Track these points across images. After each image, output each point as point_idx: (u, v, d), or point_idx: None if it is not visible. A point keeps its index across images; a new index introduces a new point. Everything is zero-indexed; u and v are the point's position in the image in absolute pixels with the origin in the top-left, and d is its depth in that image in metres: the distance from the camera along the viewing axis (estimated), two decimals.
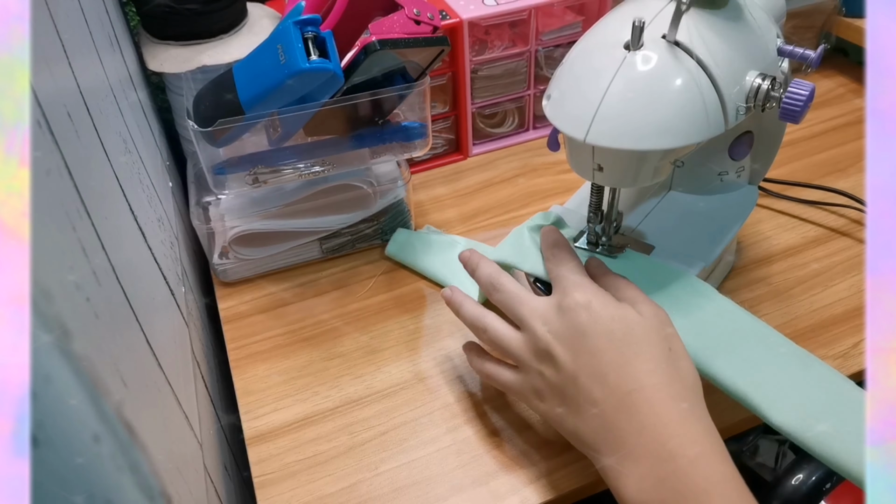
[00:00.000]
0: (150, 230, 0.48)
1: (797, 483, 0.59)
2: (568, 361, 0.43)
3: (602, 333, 0.42)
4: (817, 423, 0.43)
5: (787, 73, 0.50)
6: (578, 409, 0.42)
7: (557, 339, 0.43)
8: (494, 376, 0.48)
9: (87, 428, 0.24)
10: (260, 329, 0.62)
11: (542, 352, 0.44)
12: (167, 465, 0.32)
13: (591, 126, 0.42)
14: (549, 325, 0.44)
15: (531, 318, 0.45)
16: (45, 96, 0.28)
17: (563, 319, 0.44)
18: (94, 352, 0.26)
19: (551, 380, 0.43)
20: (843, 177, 0.74)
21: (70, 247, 0.27)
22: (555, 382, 0.43)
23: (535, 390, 0.45)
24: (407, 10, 0.55)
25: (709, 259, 0.54)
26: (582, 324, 0.43)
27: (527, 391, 0.46)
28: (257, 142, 0.60)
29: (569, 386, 0.42)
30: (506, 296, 0.47)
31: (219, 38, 0.68)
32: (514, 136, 0.84)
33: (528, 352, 0.45)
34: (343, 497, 0.49)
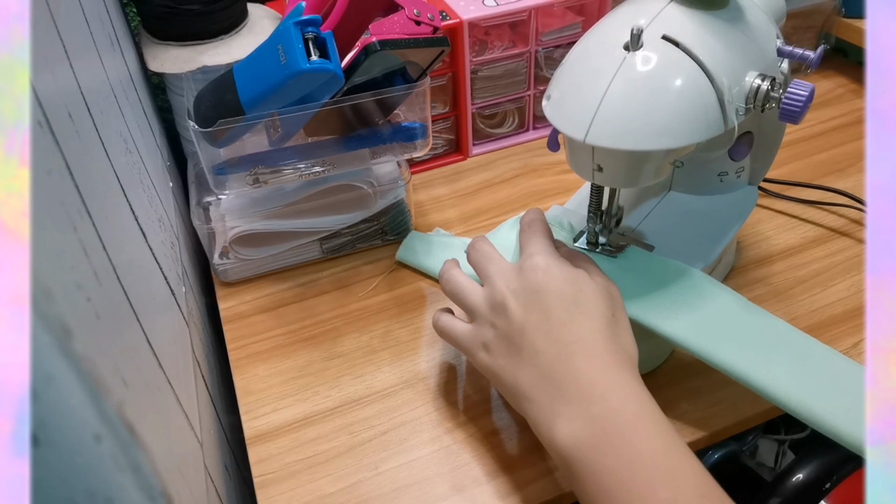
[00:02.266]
0: (151, 230, 0.48)
1: (797, 483, 0.59)
2: (519, 314, 0.44)
3: (554, 292, 0.44)
4: (823, 400, 0.44)
5: (786, 73, 0.50)
6: (520, 360, 0.44)
7: (513, 294, 0.45)
8: (448, 327, 0.50)
9: (87, 427, 0.24)
10: (260, 329, 0.62)
11: (497, 304, 0.46)
12: (168, 465, 0.32)
13: (591, 126, 0.42)
14: (509, 283, 0.46)
15: (495, 274, 0.47)
16: (46, 96, 0.28)
17: (522, 278, 0.46)
18: (95, 351, 0.26)
19: (501, 330, 0.45)
20: (843, 177, 0.74)
21: (71, 247, 0.27)
22: (503, 333, 0.45)
23: (483, 343, 0.46)
24: (407, 11, 0.55)
25: (709, 259, 0.54)
26: (538, 282, 0.45)
27: (475, 343, 0.47)
28: (258, 142, 0.60)
29: (515, 337, 0.44)
30: (479, 254, 0.50)
31: (219, 38, 0.68)
32: (514, 136, 0.84)
33: (485, 304, 0.47)
34: (343, 497, 0.49)
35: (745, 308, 0.49)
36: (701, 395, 0.53)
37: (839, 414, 0.44)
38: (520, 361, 0.44)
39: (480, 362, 0.47)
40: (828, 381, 0.45)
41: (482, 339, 0.46)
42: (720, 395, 0.53)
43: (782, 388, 0.45)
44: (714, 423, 0.52)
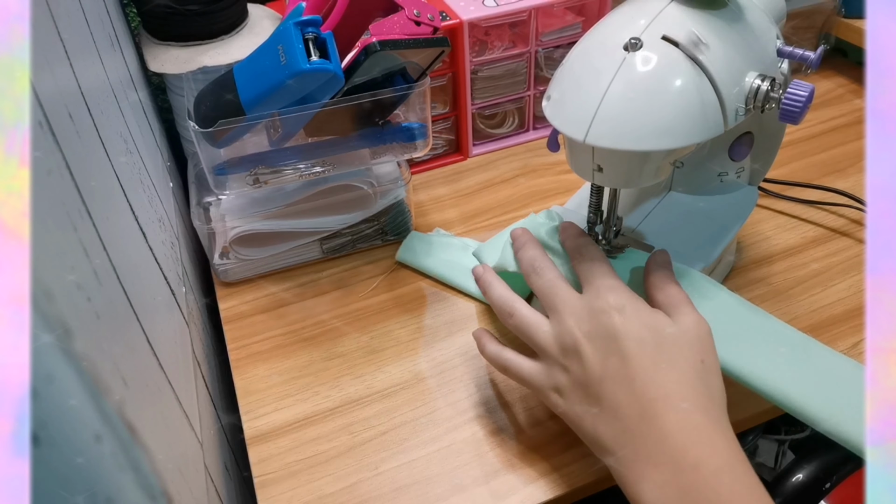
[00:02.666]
0: (151, 230, 0.48)
1: (797, 483, 0.59)
2: (595, 362, 0.42)
3: (633, 338, 0.42)
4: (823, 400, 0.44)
5: (786, 73, 0.50)
6: (601, 411, 0.42)
7: (587, 338, 0.43)
8: (513, 365, 0.47)
9: (88, 427, 0.24)
10: (260, 329, 0.62)
11: (569, 347, 0.43)
12: (168, 465, 0.32)
13: (591, 127, 0.42)
14: (581, 323, 0.44)
15: (564, 310, 0.44)
16: (47, 96, 0.28)
17: (595, 320, 0.43)
18: (96, 351, 0.26)
19: (576, 377, 0.43)
20: (842, 177, 0.74)
21: (71, 247, 0.27)
22: (579, 380, 0.43)
23: (555, 385, 0.44)
24: (407, 11, 0.55)
25: (709, 259, 0.54)
26: (614, 326, 0.42)
27: (546, 385, 0.45)
28: (258, 142, 0.60)
29: (593, 386, 0.42)
30: (545, 282, 0.47)
31: (219, 38, 0.68)
32: (514, 136, 0.84)
33: (556, 344, 0.44)
34: (343, 497, 0.49)
35: (745, 308, 0.49)
36: None
37: (839, 414, 0.44)
38: (599, 413, 0.42)
39: (554, 405, 0.45)
40: (827, 381, 0.45)
41: (554, 382, 0.44)
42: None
43: (782, 388, 0.45)
44: None
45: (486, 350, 0.49)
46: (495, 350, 0.49)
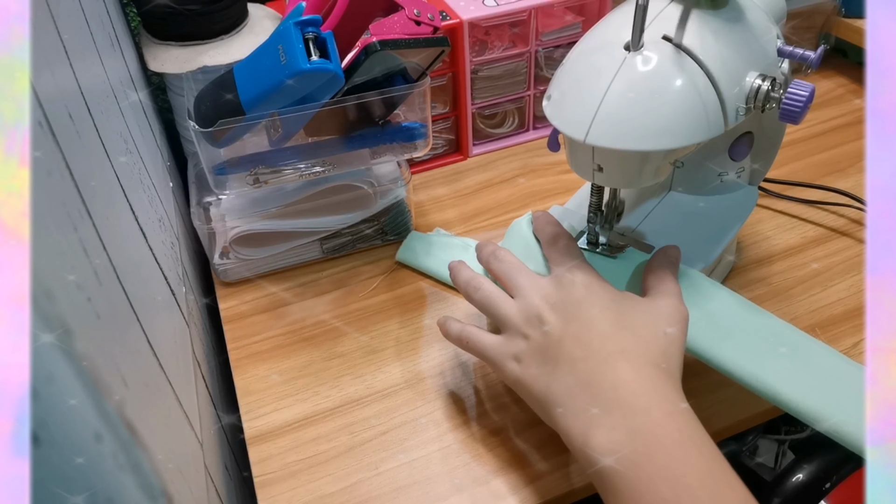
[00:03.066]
0: (151, 230, 0.48)
1: (797, 483, 0.59)
2: (557, 326, 0.43)
3: (596, 306, 0.43)
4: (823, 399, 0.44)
5: (787, 73, 0.50)
6: (555, 368, 0.42)
7: (551, 307, 0.44)
8: (474, 338, 0.48)
9: (88, 427, 0.24)
10: (260, 329, 0.62)
11: (532, 317, 0.44)
12: (168, 465, 0.32)
13: (591, 127, 0.42)
14: (546, 296, 0.45)
15: (529, 287, 0.46)
16: (46, 96, 0.28)
17: (561, 292, 0.44)
18: (96, 351, 0.26)
19: (535, 341, 0.44)
20: (842, 177, 0.74)
21: (71, 247, 0.27)
22: (538, 344, 0.44)
23: (513, 354, 0.45)
24: (407, 11, 0.55)
25: (709, 259, 0.54)
26: (578, 296, 0.44)
27: (505, 355, 0.45)
28: (258, 142, 0.60)
29: (552, 347, 0.43)
30: (505, 265, 0.48)
31: (219, 38, 0.68)
32: (514, 136, 0.84)
33: (519, 315, 0.45)
34: (343, 497, 0.49)
35: (745, 308, 0.49)
36: (700, 395, 0.53)
37: (839, 413, 0.44)
38: (554, 370, 0.42)
39: (510, 373, 0.45)
40: (827, 381, 0.45)
41: (513, 350, 0.45)
42: (720, 395, 0.53)
43: (782, 387, 0.45)
44: (714, 423, 0.52)
45: (449, 329, 0.50)
46: (458, 327, 0.49)
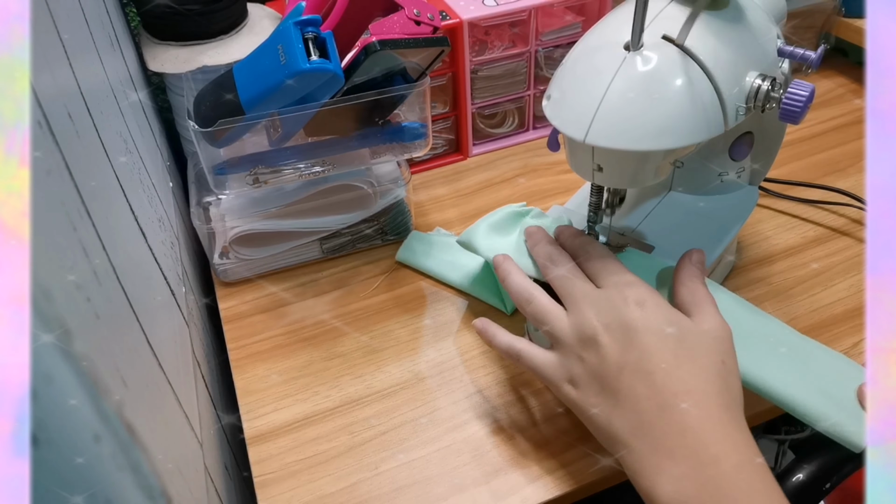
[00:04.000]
0: (151, 230, 0.48)
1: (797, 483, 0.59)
2: (614, 353, 0.42)
3: (654, 332, 0.42)
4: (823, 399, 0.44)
5: (787, 73, 0.50)
6: (617, 403, 0.41)
7: (606, 329, 0.42)
8: (526, 354, 0.46)
9: (87, 428, 0.24)
10: (260, 329, 0.62)
11: (588, 337, 0.43)
12: (167, 465, 0.32)
13: (591, 126, 0.42)
14: (600, 314, 0.43)
15: (583, 301, 0.44)
16: (46, 96, 0.28)
17: (615, 312, 0.43)
18: (95, 352, 0.26)
19: (592, 368, 0.42)
20: (842, 177, 0.74)
21: (70, 247, 0.27)
22: (595, 371, 0.42)
23: (569, 376, 0.44)
24: (407, 11, 0.55)
25: (709, 259, 0.54)
26: (634, 319, 0.42)
27: (560, 375, 0.44)
28: (258, 142, 0.60)
29: (611, 378, 0.41)
30: (561, 272, 0.47)
31: (219, 38, 0.68)
32: (514, 136, 0.84)
33: (573, 334, 0.44)
34: (343, 497, 0.49)
35: (744, 309, 0.49)
36: None
37: (838, 413, 0.44)
38: (616, 405, 0.41)
39: (566, 396, 0.44)
40: (827, 381, 0.45)
41: (569, 372, 0.44)
42: None
43: (782, 387, 0.45)
44: None
45: (497, 340, 0.48)
46: (507, 340, 0.48)
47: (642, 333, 0.41)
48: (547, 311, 0.46)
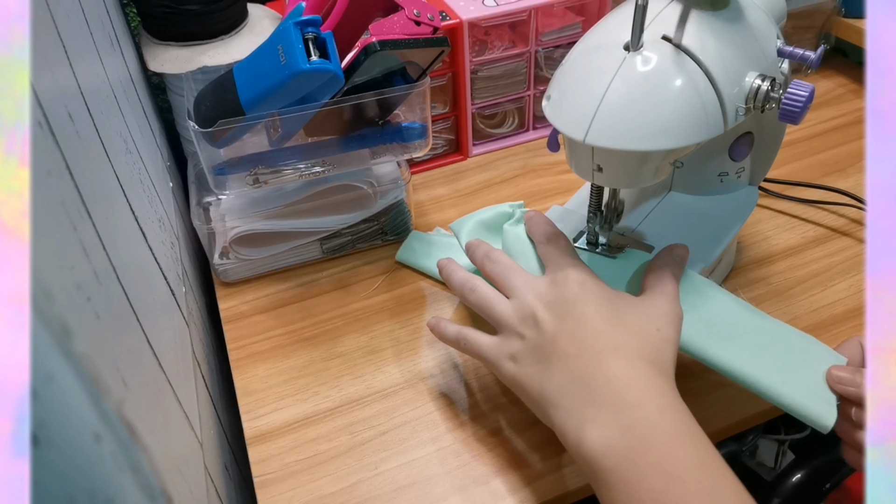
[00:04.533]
0: (151, 230, 0.48)
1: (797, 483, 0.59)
2: (551, 324, 0.43)
3: (591, 304, 0.43)
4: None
5: (787, 73, 0.50)
6: (549, 366, 0.43)
7: (545, 306, 0.44)
8: (471, 339, 0.48)
9: (87, 427, 0.24)
10: (260, 329, 0.62)
11: (527, 316, 0.45)
12: (168, 465, 0.32)
13: (591, 127, 0.42)
14: (540, 295, 0.45)
15: (524, 287, 0.46)
16: (46, 96, 0.28)
17: (555, 290, 0.45)
18: (95, 351, 0.26)
19: (530, 340, 0.44)
20: (842, 177, 0.74)
21: (71, 247, 0.27)
22: (533, 343, 0.44)
23: (510, 354, 0.45)
24: (407, 11, 0.55)
25: (709, 259, 0.54)
26: (573, 294, 0.44)
27: (501, 355, 0.46)
28: (258, 142, 0.60)
29: (546, 346, 0.43)
30: (500, 267, 0.49)
31: (219, 38, 0.68)
32: (514, 136, 0.84)
33: (513, 316, 0.45)
34: (343, 497, 0.49)
35: (743, 309, 0.49)
36: (700, 395, 0.53)
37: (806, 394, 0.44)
38: (548, 368, 0.43)
39: (506, 373, 0.45)
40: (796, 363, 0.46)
41: (509, 350, 0.45)
42: (719, 395, 0.53)
43: (781, 388, 0.45)
44: (713, 423, 0.52)
45: (446, 331, 0.50)
46: (454, 329, 0.50)
47: (580, 304, 0.43)
48: (489, 298, 0.48)
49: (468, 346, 0.48)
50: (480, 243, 0.52)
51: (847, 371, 0.45)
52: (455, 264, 0.52)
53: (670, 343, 0.43)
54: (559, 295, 0.44)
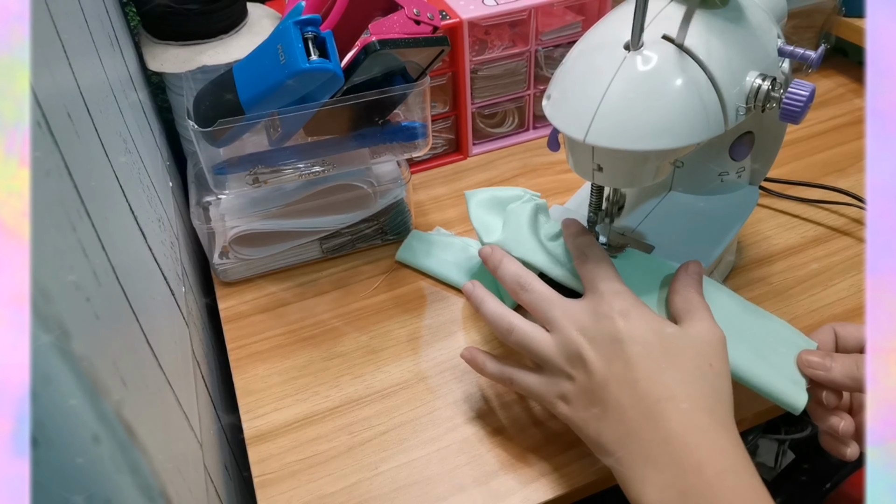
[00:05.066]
0: (151, 230, 0.48)
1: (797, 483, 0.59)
2: (600, 366, 0.42)
3: (638, 342, 0.42)
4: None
5: (787, 73, 0.50)
6: (604, 415, 0.41)
7: (591, 344, 0.43)
8: (517, 379, 0.47)
9: (86, 428, 0.24)
10: (260, 329, 0.62)
11: (573, 355, 0.43)
12: (167, 466, 0.32)
13: (591, 126, 0.42)
14: (583, 330, 0.43)
15: (563, 320, 0.44)
16: (46, 96, 0.28)
17: (599, 325, 0.43)
18: (94, 352, 0.26)
19: (580, 384, 0.43)
20: (842, 177, 0.74)
21: (70, 247, 0.27)
22: (584, 386, 0.42)
23: (560, 394, 0.44)
24: (407, 11, 0.55)
25: (709, 259, 0.54)
26: (618, 330, 0.42)
27: (551, 395, 0.45)
28: (257, 142, 0.60)
29: (597, 391, 0.42)
30: (535, 296, 0.46)
31: (219, 38, 0.68)
32: (514, 136, 0.84)
33: (559, 355, 0.44)
34: (343, 497, 0.49)
35: (744, 308, 0.49)
36: None
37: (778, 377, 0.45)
38: (603, 417, 0.41)
39: (561, 414, 0.44)
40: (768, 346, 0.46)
41: (560, 391, 0.44)
42: None
43: (753, 370, 0.45)
44: None
45: (487, 369, 0.49)
46: (497, 368, 0.48)
47: (627, 343, 0.42)
48: (531, 338, 0.45)
49: (515, 385, 0.47)
50: (503, 258, 0.50)
51: (817, 355, 0.45)
52: (482, 290, 0.50)
53: (724, 377, 0.42)
54: (603, 329, 0.42)
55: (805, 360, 0.45)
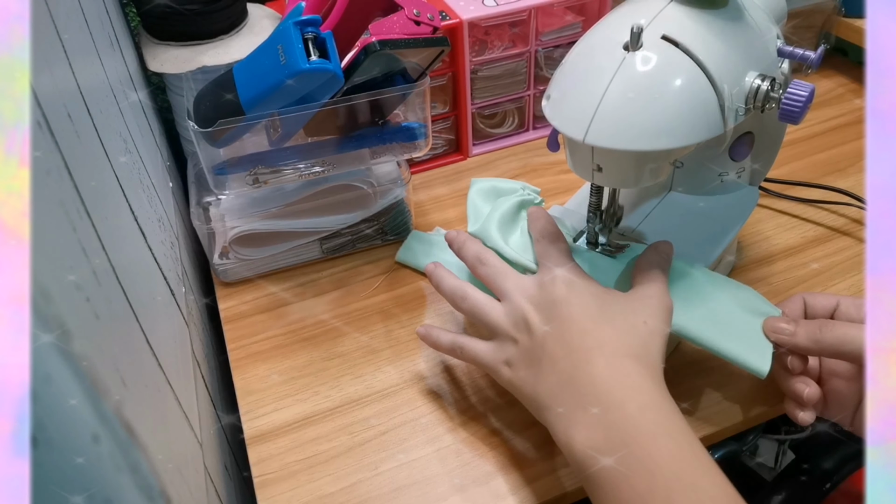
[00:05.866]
0: (151, 230, 0.48)
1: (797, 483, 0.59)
2: (539, 327, 0.44)
3: (577, 304, 0.44)
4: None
5: (787, 73, 0.50)
6: (540, 370, 0.43)
7: (535, 308, 0.45)
8: (466, 348, 0.49)
9: (86, 428, 0.24)
10: (260, 329, 0.62)
11: (519, 320, 0.45)
12: (167, 465, 0.32)
13: (591, 126, 0.42)
14: (530, 298, 0.46)
15: (514, 290, 0.47)
16: (46, 96, 0.28)
17: (543, 291, 0.45)
18: (94, 352, 0.26)
19: (523, 345, 0.45)
20: (842, 177, 0.74)
21: (70, 247, 0.27)
22: (525, 347, 0.44)
23: (505, 359, 0.46)
24: (407, 11, 0.55)
25: (709, 260, 0.54)
26: (559, 294, 0.44)
27: (497, 360, 0.46)
28: (257, 142, 0.60)
29: (536, 350, 0.44)
30: (491, 270, 0.49)
31: (219, 38, 0.68)
32: (514, 136, 0.84)
33: (507, 321, 0.46)
34: (343, 497, 0.49)
35: (712, 279, 0.50)
36: (701, 394, 0.53)
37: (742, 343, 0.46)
38: (539, 372, 0.43)
39: (503, 378, 0.46)
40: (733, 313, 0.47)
41: (504, 355, 0.46)
42: (720, 394, 0.53)
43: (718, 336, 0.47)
44: (714, 422, 0.52)
45: (441, 341, 0.51)
46: (450, 337, 0.50)
47: (565, 305, 0.44)
48: (482, 305, 0.48)
49: (464, 354, 0.49)
50: (466, 238, 0.52)
51: (783, 321, 0.46)
52: (443, 269, 0.52)
53: (658, 335, 0.43)
54: (547, 296, 0.45)
55: (770, 325, 0.47)
